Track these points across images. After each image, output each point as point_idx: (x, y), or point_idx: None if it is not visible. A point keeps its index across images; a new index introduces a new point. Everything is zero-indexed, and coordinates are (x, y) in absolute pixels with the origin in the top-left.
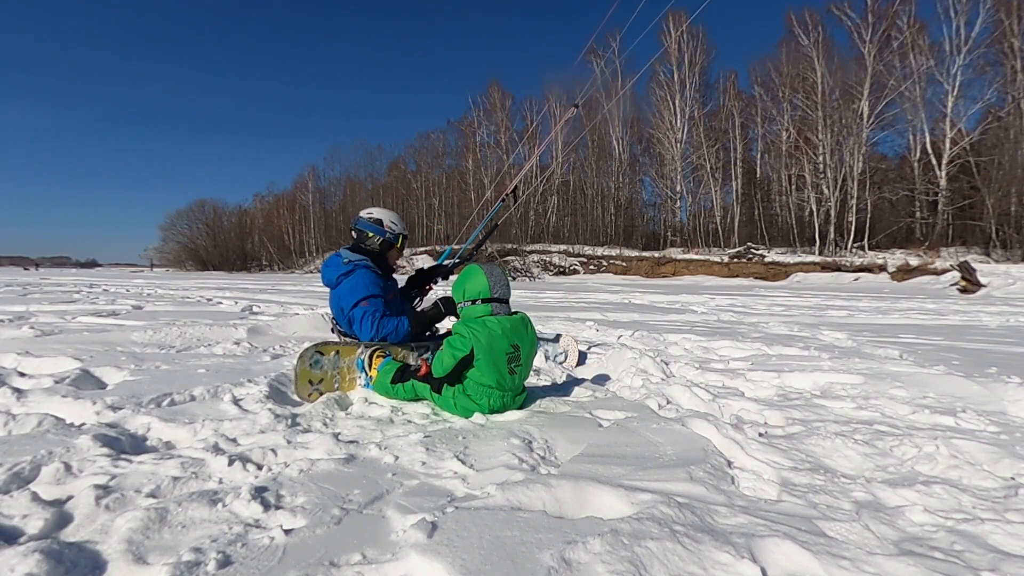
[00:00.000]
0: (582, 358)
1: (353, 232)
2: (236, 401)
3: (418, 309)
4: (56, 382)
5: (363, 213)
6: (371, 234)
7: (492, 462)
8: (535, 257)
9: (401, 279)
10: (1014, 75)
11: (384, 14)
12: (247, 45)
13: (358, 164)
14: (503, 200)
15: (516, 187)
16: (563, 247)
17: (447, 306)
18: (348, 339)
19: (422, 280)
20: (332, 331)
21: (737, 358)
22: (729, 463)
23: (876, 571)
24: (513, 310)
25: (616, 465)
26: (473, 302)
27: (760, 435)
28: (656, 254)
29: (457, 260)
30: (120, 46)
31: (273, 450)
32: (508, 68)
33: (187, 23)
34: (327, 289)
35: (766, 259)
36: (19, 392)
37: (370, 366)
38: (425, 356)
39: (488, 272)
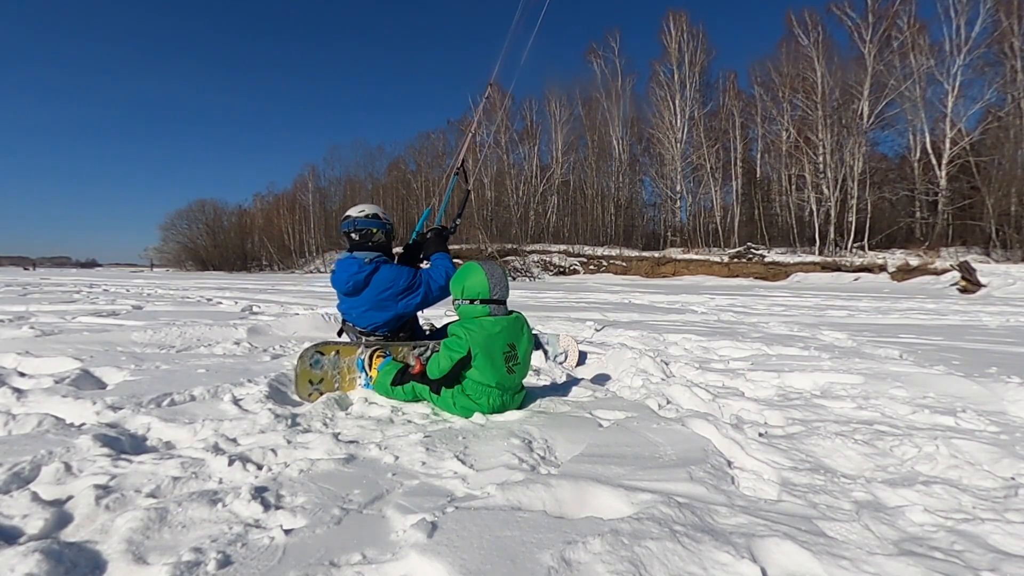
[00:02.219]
0: (582, 358)
1: (353, 234)
2: (236, 401)
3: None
4: (56, 382)
5: (355, 213)
6: (375, 230)
7: (492, 462)
8: (535, 257)
9: None
10: (1014, 75)
11: (384, 14)
12: (247, 44)
13: (358, 164)
14: (456, 174)
15: (464, 161)
16: (563, 247)
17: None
18: (371, 339)
19: (412, 258)
20: (340, 333)
21: (737, 358)
22: (729, 463)
23: (876, 571)
24: (509, 309)
25: (616, 465)
26: (471, 301)
27: (760, 435)
28: (656, 254)
29: (431, 230)
30: (119, 44)
31: (273, 450)
32: (508, 68)
33: (187, 21)
34: (328, 289)
35: (766, 259)
36: (19, 392)
37: (370, 366)
38: (424, 355)
39: (489, 273)
